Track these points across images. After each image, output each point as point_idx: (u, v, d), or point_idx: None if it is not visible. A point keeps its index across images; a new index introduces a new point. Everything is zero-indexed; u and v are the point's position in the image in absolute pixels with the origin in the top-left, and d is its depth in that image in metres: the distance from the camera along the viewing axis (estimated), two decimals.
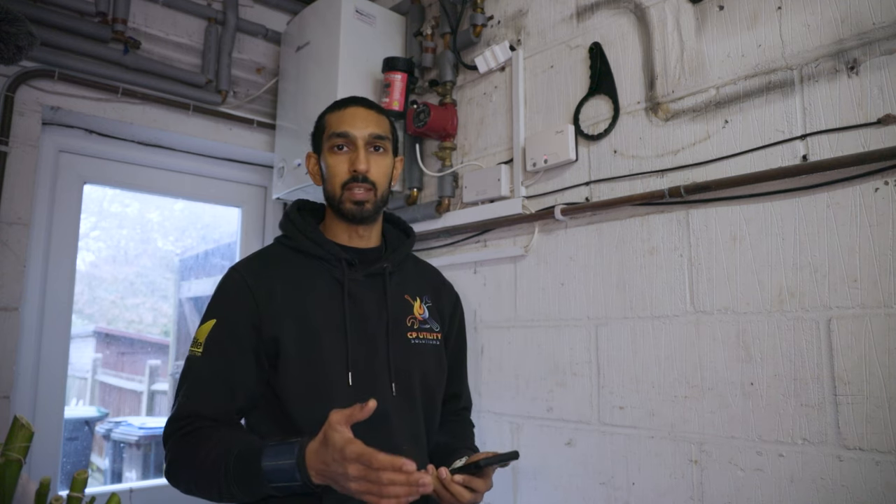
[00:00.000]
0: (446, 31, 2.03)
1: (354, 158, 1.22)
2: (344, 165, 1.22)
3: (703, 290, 1.37)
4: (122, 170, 2.22)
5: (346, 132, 1.22)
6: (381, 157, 1.25)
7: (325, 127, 1.27)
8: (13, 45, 1.44)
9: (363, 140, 1.22)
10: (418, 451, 1.21)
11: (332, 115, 1.27)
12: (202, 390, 1.11)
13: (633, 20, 1.56)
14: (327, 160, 1.25)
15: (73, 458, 2.31)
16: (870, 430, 1.11)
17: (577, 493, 1.55)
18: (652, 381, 1.43)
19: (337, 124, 1.24)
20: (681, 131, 1.44)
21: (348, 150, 1.23)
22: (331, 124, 1.26)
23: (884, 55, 1.15)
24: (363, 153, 1.22)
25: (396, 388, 1.19)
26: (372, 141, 1.23)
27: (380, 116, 1.28)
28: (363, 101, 1.29)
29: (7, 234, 1.81)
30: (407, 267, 1.35)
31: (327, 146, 1.25)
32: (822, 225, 1.20)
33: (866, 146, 1.15)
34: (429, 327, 1.29)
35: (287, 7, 2.47)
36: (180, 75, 2.14)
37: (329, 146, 1.24)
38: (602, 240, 1.57)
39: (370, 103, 1.30)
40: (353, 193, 1.21)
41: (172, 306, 2.60)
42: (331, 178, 1.24)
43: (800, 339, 1.21)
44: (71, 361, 2.04)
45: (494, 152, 1.88)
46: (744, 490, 1.26)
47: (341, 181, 1.22)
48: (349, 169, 1.21)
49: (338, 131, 1.23)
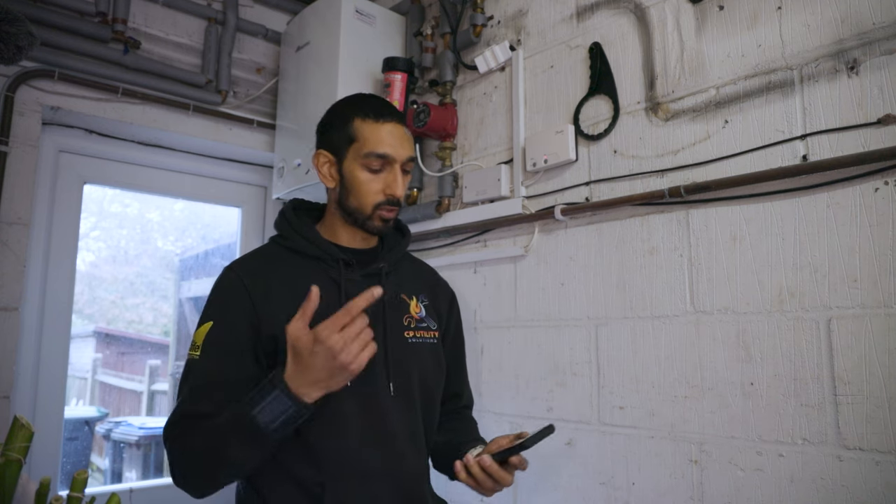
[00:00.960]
0: (446, 31, 2.03)
1: (391, 182, 1.19)
2: (379, 185, 1.19)
3: (703, 290, 1.37)
4: (122, 170, 2.22)
5: (387, 154, 1.18)
6: (408, 177, 1.25)
7: (358, 138, 1.20)
8: (13, 45, 1.44)
9: (401, 164, 1.21)
10: (417, 450, 1.21)
11: (368, 125, 1.20)
12: (202, 391, 1.11)
13: (633, 20, 1.56)
14: (358, 175, 1.20)
15: (73, 458, 2.31)
16: (870, 430, 1.11)
17: (577, 493, 1.55)
18: (652, 381, 1.43)
19: (376, 143, 1.18)
20: (681, 131, 1.44)
21: (385, 171, 1.20)
22: (367, 140, 1.19)
23: (884, 55, 1.15)
24: (401, 179, 1.20)
25: (394, 387, 1.19)
26: (406, 164, 1.22)
27: (411, 136, 1.26)
28: (399, 117, 1.25)
29: (7, 234, 1.81)
30: (403, 266, 1.34)
31: (362, 161, 1.19)
32: (822, 225, 1.20)
33: (866, 146, 1.15)
34: (426, 326, 1.29)
35: (287, 7, 2.47)
36: (180, 75, 2.14)
37: (364, 162, 1.19)
38: (602, 240, 1.57)
39: (403, 118, 1.26)
40: (384, 213, 1.21)
41: (172, 306, 2.60)
42: (361, 195, 1.20)
43: (800, 339, 1.21)
44: (71, 361, 2.04)
45: (494, 152, 1.88)
46: (744, 490, 1.26)
47: (374, 202, 1.20)
48: (384, 190, 1.20)
49: (379, 152, 1.18)
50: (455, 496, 1.85)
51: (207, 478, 1.07)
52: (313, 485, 1.10)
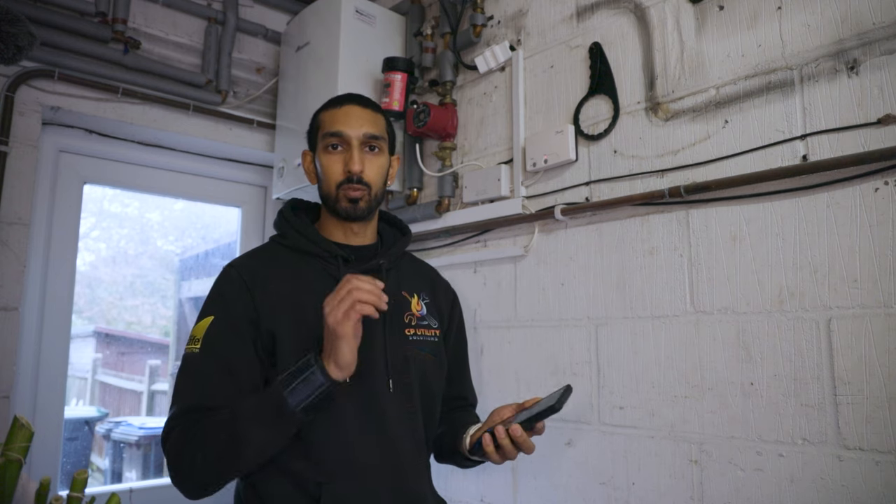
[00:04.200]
0: (446, 31, 2.03)
1: (349, 159, 1.20)
2: (338, 166, 1.21)
3: (703, 290, 1.37)
4: (122, 170, 2.22)
5: (340, 132, 1.21)
6: (376, 156, 1.24)
7: (320, 125, 1.25)
8: (13, 45, 1.44)
9: (358, 140, 1.21)
10: (417, 448, 1.21)
11: (326, 113, 1.26)
12: (206, 384, 1.09)
13: (633, 20, 1.56)
14: (321, 159, 1.24)
15: (73, 458, 2.31)
16: (870, 430, 1.11)
17: (576, 492, 1.55)
18: (652, 381, 1.43)
19: (331, 123, 1.23)
20: (681, 131, 1.44)
21: (342, 149, 1.22)
22: (325, 123, 1.24)
23: (884, 55, 1.15)
24: (357, 154, 1.21)
25: (394, 384, 1.18)
26: (367, 141, 1.22)
27: (375, 115, 1.26)
28: (358, 99, 1.28)
29: (7, 234, 1.81)
30: (404, 265, 1.35)
31: (321, 145, 1.24)
32: (822, 225, 1.20)
33: (866, 146, 1.15)
34: (427, 324, 1.29)
35: (287, 7, 2.47)
36: (180, 75, 2.14)
37: (323, 145, 1.23)
38: (602, 240, 1.57)
39: (366, 101, 1.28)
40: (348, 193, 1.21)
41: (172, 307, 2.60)
42: (325, 178, 1.23)
43: (800, 339, 1.21)
44: (71, 361, 2.04)
45: (494, 152, 1.88)
46: (744, 490, 1.26)
47: (336, 182, 1.21)
48: (343, 169, 1.21)
49: (331, 130, 1.22)
50: (455, 495, 1.85)
51: (214, 472, 1.04)
52: (311, 483, 1.10)
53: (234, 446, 1.01)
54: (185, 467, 1.05)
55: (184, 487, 1.07)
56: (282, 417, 1.01)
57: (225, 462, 1.03)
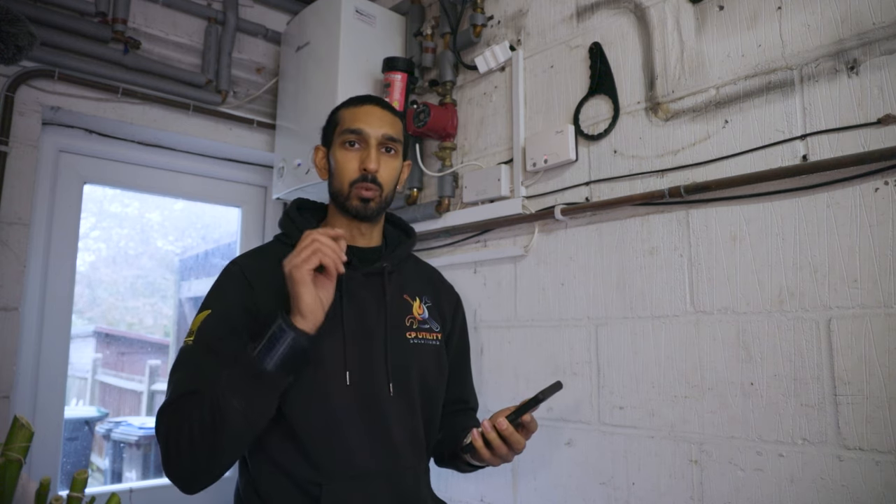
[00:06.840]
0: (446, 31, 2.03)
1: (365, 157, 1.20)
2: (354, 163, 1.21)
3: (703, 290, 1.37)
4: (122, 170, 2.22)
5: (360, 129, 1.21)
6: (392, 158, 1.24)
7: (339, 121, 1.25)
8: (13, 45, 1.44)
9: (376, 140, 1.22)
10: (416, 451, 1.21)
11: (347, 110, 1.26)
12: (198, 372, 1.07)
13: (633, 20, 1.56)
14: (337, 155, 1.23)
15: (73, 458, 2.31)
16: (870, 430, 1.11)
17: (576, 492, 1.55)
18: (652, 381, 1.43)
19: (351, 120, 1.23)
20: (681, 131, 1.44)
21: (360, 147, 1.22)
22: (345, 120, 1.24)
23: (884, 55, 1.15)
24: (375, 153, 1.21)
25: (394, 388, 1.18)
26: (384, 142, 1.23)
27: (394, 118, 1.27)
28: (380, 102, 1.28)
29: (7, 234, 1.81)
30: (407, 267, 1.34)
31: (339, 141, 1.23)
32: (822, 225, 1.20)
33: (866, 146, 1.15)
34: (428, 327, 1.29)
35: (287, 7, 2.47)
36: (180, 75, 2.14)
37: (341, 141, 1.23)
38: (602, 240, 1.57)
39: (386, 104, 1.29)
40: (361, 192, 1.21)
41: (173, 307, 2.60)
42: (339, 174, 1.22)
43: (800, 339, 1.21)
44: (71, 361, 2.04)
45: (494, 152, 1.88)
46: (744, 490, 1.26)
47: (350, 179, 1.21)
48: (359, 167, 1.21)
49: (352, 128, 1.22)
50: (455, 495, 1.85)
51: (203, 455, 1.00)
52: (311, 485, 1.10)
53: (216, 420, 0.98)
54: (172, 453, 1.02)
55: (175, 476, 1.04)
56: (258, 379, 0.99)
57: (209, 439, 0.99)
